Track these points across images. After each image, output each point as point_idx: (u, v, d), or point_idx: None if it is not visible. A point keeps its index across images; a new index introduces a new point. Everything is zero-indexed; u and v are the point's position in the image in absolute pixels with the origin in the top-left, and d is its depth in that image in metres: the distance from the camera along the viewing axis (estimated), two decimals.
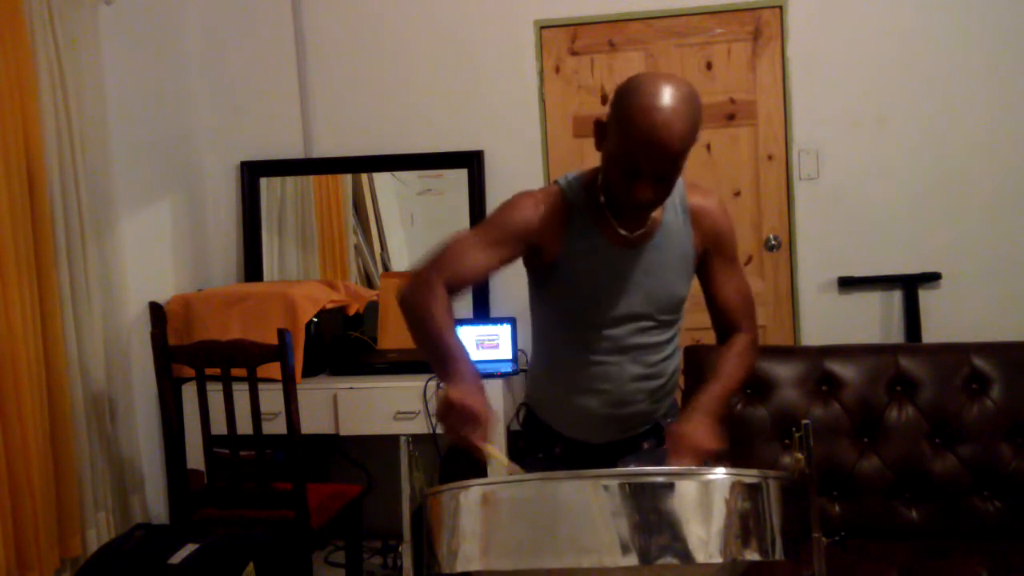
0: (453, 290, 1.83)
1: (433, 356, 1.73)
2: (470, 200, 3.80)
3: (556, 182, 1.96)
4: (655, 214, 1.90)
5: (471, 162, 3.80)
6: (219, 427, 2.94)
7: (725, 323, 2.00)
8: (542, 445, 2.07)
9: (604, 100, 3.69)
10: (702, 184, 2.01)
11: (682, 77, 1.81)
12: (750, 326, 2.00)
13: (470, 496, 1.43)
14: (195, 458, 3.13)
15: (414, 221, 4.01)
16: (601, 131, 1.82)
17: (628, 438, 2.00)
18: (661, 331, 1.95)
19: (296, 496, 2.89)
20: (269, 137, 3.95)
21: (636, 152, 1.71)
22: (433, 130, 3.84)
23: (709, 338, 2.11)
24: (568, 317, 1.97)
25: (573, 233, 1.91)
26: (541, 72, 3.76)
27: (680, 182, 1.91)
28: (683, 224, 1.92)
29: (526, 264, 1.97)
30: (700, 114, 1.75)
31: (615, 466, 1.92)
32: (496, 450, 1.60)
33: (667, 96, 1.69)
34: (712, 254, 1.96)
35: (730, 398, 1.95)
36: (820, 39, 3.62)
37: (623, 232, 1.90)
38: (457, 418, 1.59)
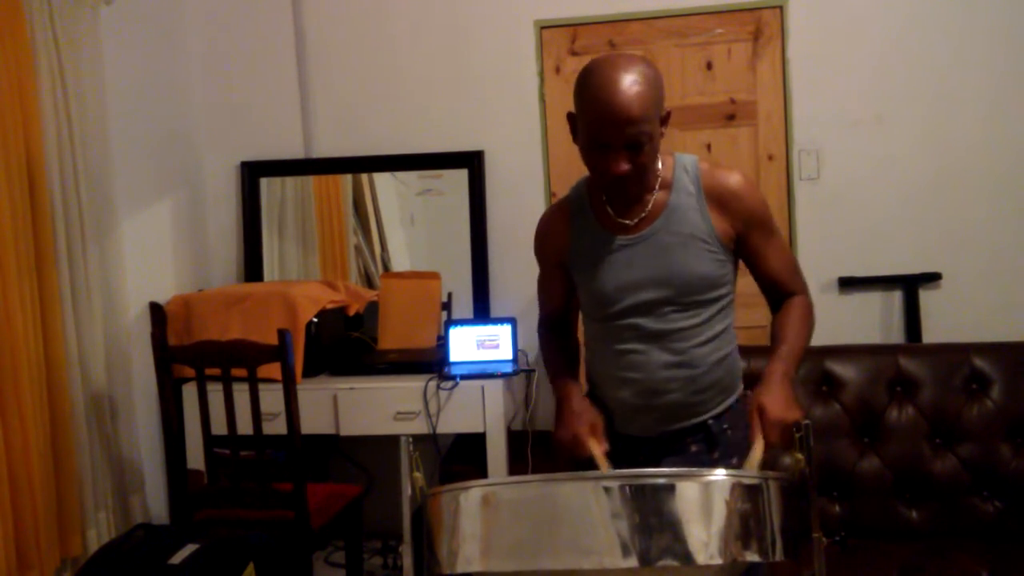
0: (555, 325, 2.14)
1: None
2: (470, 200, 3.80)
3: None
4: (658, 197, 1.92)
5: (471, 162, 3.80)
6: (219, 427, 2.94)
7: (776, 293, 2.00)
8: None
9: None
10: (723, 163, 2.00)
11: (639, 55, 1.87)
12: (802, 288, 2.00)
13: (470, 497, 1.43)
14: (195, 458, 3.13)
15: (414, 221, 4.01)
16: (573, 122, 1.89)
17: (674, 434, 1.97)
18: (689, 315, 1.92)
19: (296, 496, 2.89)
20: (269, 137, 3.95)
21: (598, 123, 1.78)
22: (433, 130, 3.84)
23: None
24: (592, 310, 2.02)
25: (576, 231, 2.00)
26: (541, 72, 3.76)
27: (694, 162, 1.94)
28: (697, 204, 1.91)
29: None
30: (659, 81, 1.81)
31: (660, 465, 1.91)
32: (600, 456, 1.86)
33: (620, 67, 1.78)
34: (749, 233, 1.94)
35: (800, 358, 1.91)
36: (820, 39, 3.61)
37: (623, 220, 1.94)
38: (561, 451, 1.91)
